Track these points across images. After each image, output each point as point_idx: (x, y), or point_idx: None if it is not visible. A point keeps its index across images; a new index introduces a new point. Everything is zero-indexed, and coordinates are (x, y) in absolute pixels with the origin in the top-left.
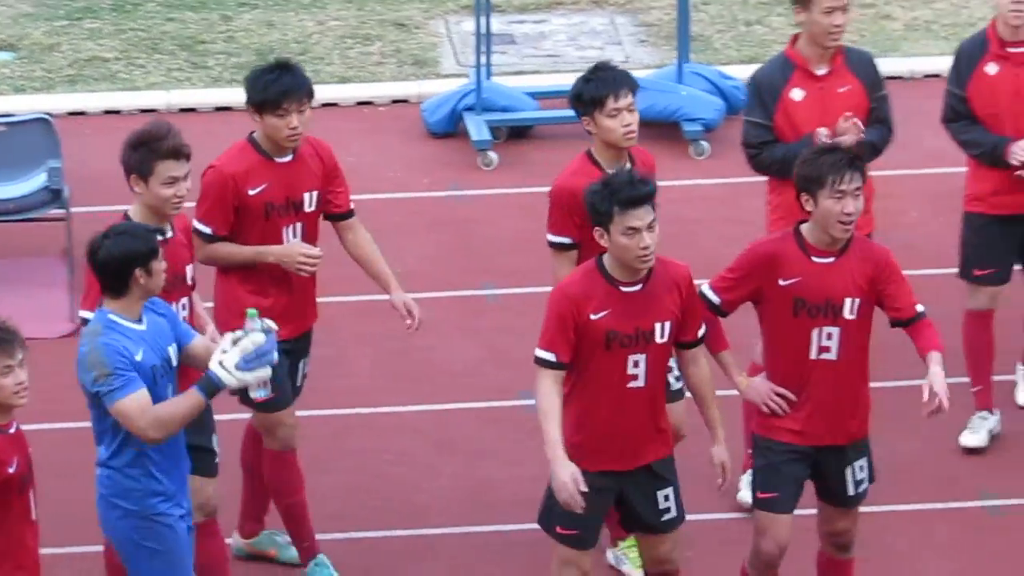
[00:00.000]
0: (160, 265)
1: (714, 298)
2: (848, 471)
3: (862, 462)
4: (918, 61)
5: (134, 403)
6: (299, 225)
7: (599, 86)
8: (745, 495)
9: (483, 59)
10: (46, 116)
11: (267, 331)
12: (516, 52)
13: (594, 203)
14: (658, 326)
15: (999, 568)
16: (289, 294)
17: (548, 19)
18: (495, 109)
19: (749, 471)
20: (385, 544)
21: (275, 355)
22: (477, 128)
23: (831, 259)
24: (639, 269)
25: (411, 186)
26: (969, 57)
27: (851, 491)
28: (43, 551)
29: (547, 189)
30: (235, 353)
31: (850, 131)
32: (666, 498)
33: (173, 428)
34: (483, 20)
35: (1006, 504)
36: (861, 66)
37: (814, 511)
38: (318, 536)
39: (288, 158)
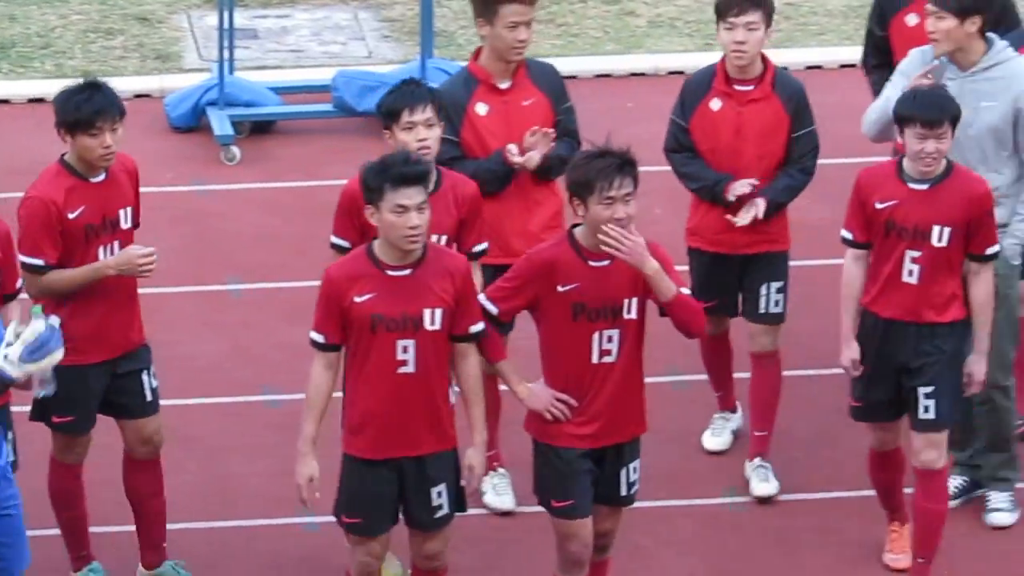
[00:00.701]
0: None
1: (492, 308)
2: (623, 472)
3: (635, 464)
4: (662, 57)
5: None
6: (116, 243)
7: (396, 100)
8: (491, 499)
9: (226, 54)
10: None
11: (49, 324)
12: (259, 47)
13: (367, 179)
14: (427, 312)
15: (740, 563)
16: (111, 311)
17: (291, 14)
18: (238, 104)
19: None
20: (128, 539)
21: (59, 348)
22: (220, 123)
23: (607, 262)
24: (406, 251)
25: (154, 180)
26: (695, 91)
27: (624, 491)
28: None
29: (291, 184)
30: (18, 345)
31: (539, 144)
32: (439, 495)
33: None
34: (226, 15)
35: (748, 500)
36: (544, 79)
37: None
38: (56, 531)
39: (101, 177)
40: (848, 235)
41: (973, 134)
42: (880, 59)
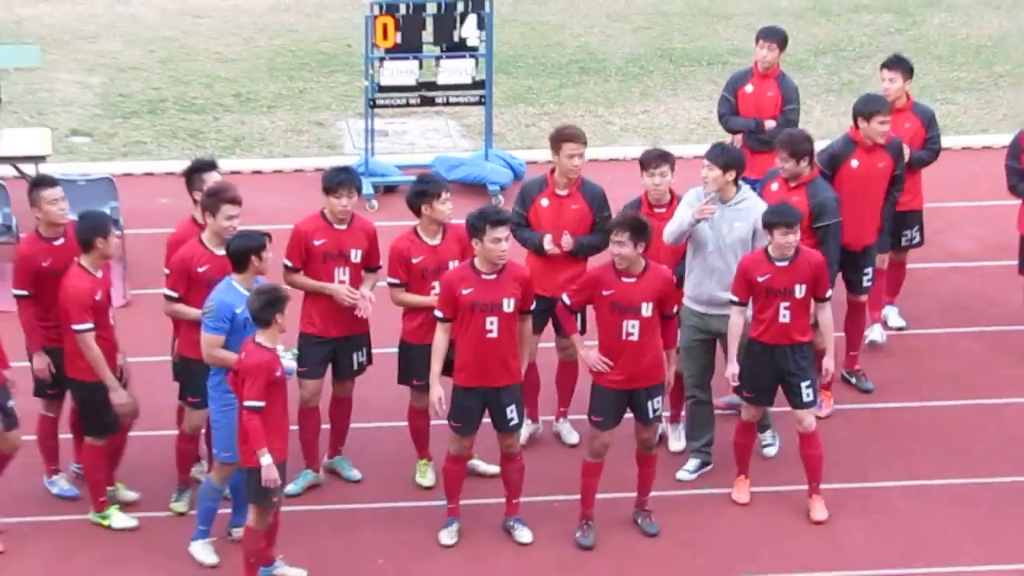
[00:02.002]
0: (268, 255)
1: (568, 301)
2: (649, 404)
3: (658, 399)
4: (629, 149)
5: (209, 338)
6: (346, 269)
7: (431, 188)
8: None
9: (369, 145)
10: (109, 176)
11: (289, 367)
12: (388, 141)
13: (474, 222)
14: (505, 300)
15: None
16: (337, 307)
17: (407, 121)
18: (376, 175)
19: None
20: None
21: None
22: (366, 187)
23: (634, 279)
24: (496, 263)
25: None
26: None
27: (650, 415)
28: None
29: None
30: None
31: (567, 244)
32: (511, 411)
33: (218, 365)
34: (369, 121)
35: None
36: (592, 195)
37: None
38: None
39: (343, 227)
40: (735, 298)
41: (730, 241)
42: None
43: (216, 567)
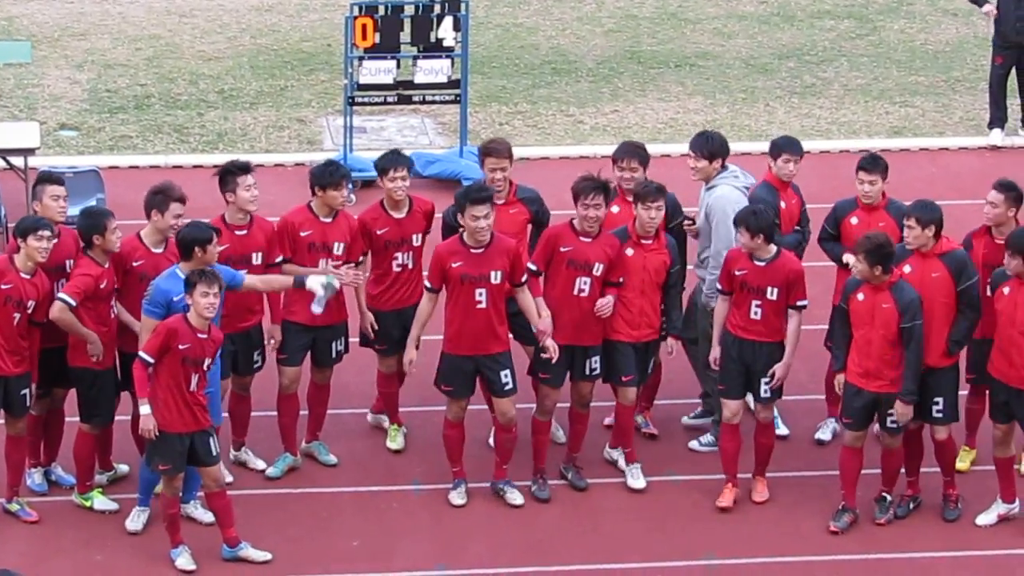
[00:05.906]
0: (213, 248)
1: (532, 267)
2: (587, 362)
3: (597, 358)
4: (598, 148)
5: (144, 321)
6: (329, 261)
7: (385, 162)
8: None
9: (348, 141)
10: (95, 168)
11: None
12: (367, 137)
13: (458, 199)
14: (493, 273)
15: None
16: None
17: (385, 119)
18: (355, 170)
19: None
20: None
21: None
22: None
23: (589, 239)
24: (480, 239)
25: None
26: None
27: (587, 372)
28: None
29: None
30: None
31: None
32: (505, 376)
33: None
34: (348, 119)
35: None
36: (528, 198)
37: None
38: None
39: (330, 219)
40: (719, 287)
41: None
42: None
43: (137, 534)
